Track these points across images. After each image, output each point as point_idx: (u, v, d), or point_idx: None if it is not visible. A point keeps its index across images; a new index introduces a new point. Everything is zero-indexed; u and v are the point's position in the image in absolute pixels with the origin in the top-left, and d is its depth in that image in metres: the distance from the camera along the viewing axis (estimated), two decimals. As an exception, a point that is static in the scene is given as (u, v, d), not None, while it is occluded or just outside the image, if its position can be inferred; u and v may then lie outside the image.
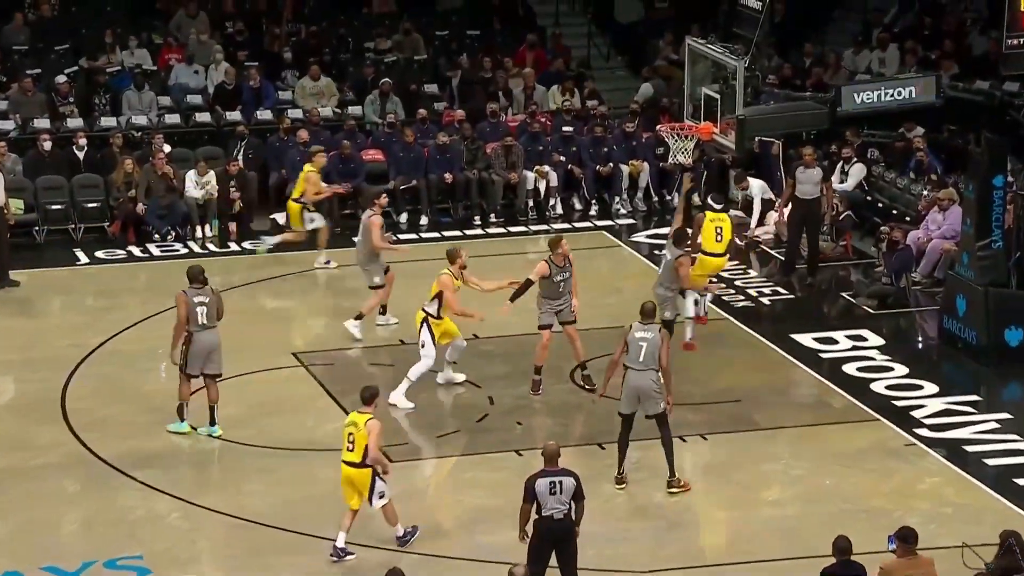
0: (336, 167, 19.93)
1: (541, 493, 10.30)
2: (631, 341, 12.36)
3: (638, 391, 12.41)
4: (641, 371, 12.33)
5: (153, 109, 21.01)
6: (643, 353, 12.31)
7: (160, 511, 12.35)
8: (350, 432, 11.24)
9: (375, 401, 11.40)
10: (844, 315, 16.80)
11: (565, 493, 10.34)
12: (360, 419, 11.25)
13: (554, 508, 10.31)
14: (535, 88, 21.97)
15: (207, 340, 13.33)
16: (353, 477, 11.29)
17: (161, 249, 18.94)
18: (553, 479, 10.36)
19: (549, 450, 10.56)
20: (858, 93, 15.08)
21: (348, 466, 11.29)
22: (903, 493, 12.65)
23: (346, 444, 11.25)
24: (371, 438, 11.19)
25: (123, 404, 14.30)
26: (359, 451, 11.19)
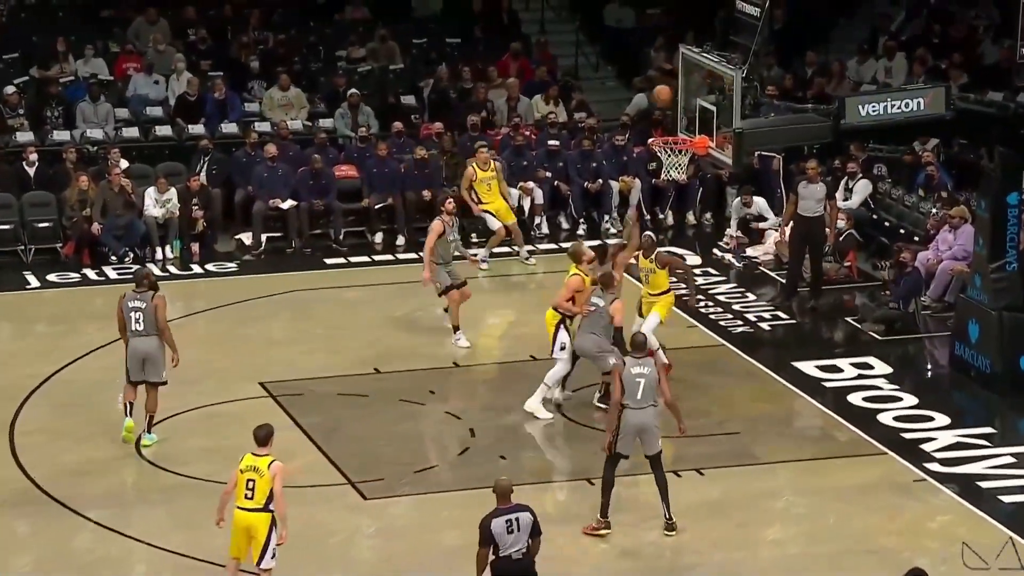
0: (306, 183, 19.97)
1: (498, 534, 10.36)
2: (627, 379, 12.37)
3: (639, 430, 12.41)
4: (641, 409, 12.35)
5: (110, 122, 21.01)
6: (641, 390, 12.34)
7: (117, 554, 12.30)
8: (250, 479, 11.03)
9: (270, 441, 11.23)
10: (849, 341, 16.87)
11: (523, 531, 10.40)
12: (261, 463, 11.07)
13: (512, 548, 10.36)
14: (519, 99, 22.05)
15: (140, 347, 13.59)
16: (252, 523, 11.05)
17: (118, 272, 18.92)
18: (509, 517, 10.41)
19: (501, 487, 10.58)
20: (863, 105, 15.14)
21: (247, 512, 11.03)
22: (912, 532, 12.69)
23: (244, 491, 11.03)
24: (278, 483, 11.02)
25: (78, 438, 14.26)
26: (260, 498, 11.02)
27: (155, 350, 13.64)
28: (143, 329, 13.58)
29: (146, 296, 13.61)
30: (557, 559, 12.22)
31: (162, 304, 13.71)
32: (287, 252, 19.74)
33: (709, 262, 19.27)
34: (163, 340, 13.69)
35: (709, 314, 17.47)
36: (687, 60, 15.66)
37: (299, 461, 12.04)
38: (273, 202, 19.75)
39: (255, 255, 19.56)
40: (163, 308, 13.71)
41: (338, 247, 19.83)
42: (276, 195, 19.81)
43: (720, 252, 19.52)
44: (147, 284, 13.73)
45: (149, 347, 13.62)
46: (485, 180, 18.78)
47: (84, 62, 21.90)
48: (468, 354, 16.15)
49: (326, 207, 19.91)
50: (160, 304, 13.66)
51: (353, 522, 12.84)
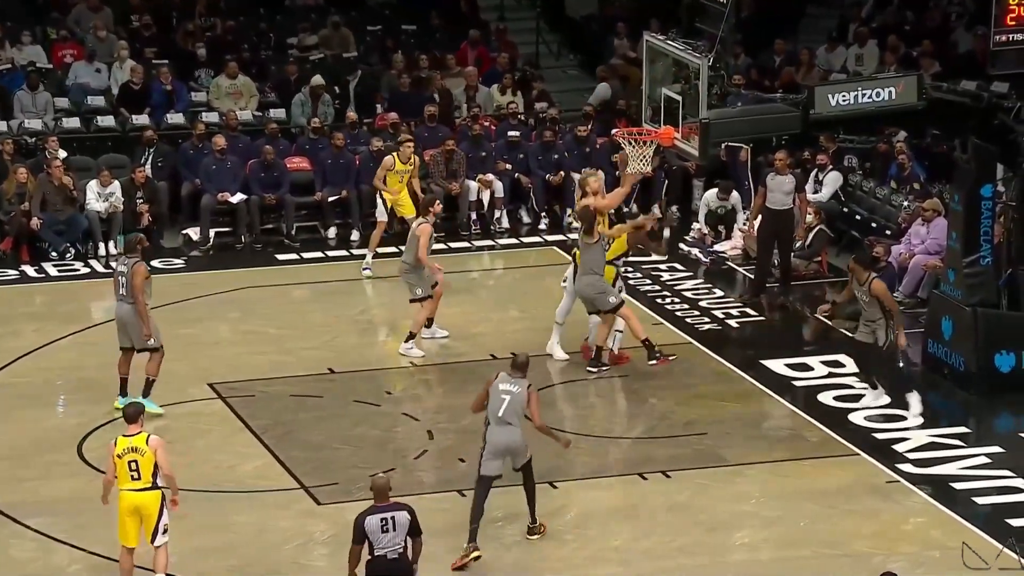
0: (257, 176, 19.89)
1: (372, 531, 10.39)
2: (493, 393, 12.20)
3: (505, 449, 12.23)
4: (502, 427, 12.18)
5: (49, 112, 20.86)
6: (503, 408, 12.16)
7: (58, 563, 12.23)
8: (132, 460, 11.23)
9: (140, 418, 11.46)
10: (819, 339, 16.95)
11: (399, 530, 10.43)
12: (138, 441, 11.28)
13: (387, 547, 10.40)
14: (478, 89, 22.04)
15: (120, 313, 14.35)
16: (142, 504, 11.24)
17: (59, 269, 18.80)
18: (385, 515, 10.45)
19: (378, 484, 10.63)
20: (833, 94, 15.22)
21: (136, 492, 11.23)
22: (886, 535, 12.76)
23: (129, 473, 11.22)
24: (161, 454, 11.27)
25: (16, 443, 14.15)
26: (146, 476, 11.24)
27: (133, 315, 14.16)
28: (124, 294, 14.15)
29: (129, 262, 14.21)
30: (514, 565, 12.23)
31: (140, 271, 14.15)
32: (237, 248, 19.67)
33: (675, 257, 19.31)
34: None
35: (675, 311, 17.52)
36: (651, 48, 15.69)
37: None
38: (222, 196, 19.67)
39: (203, 251, 19.48)
40: (140, 276, 14.15)
41: (290, 242, 19.77)
42: (225, 189, 19.73)
43: (686, 247, 19.57)
44: (138, 250, 14.38)
45: (127, 312, 14.20)
46: (400, 172, 18.35)
47: (20, 49, 21.72)
48: (426, 353, 16.11)
49: (278, 201, 19.84)
50: (138, 271, 14.13)
51: (307, 528, 12.80)
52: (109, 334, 16.53)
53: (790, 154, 18.16)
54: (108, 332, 16.70)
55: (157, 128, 20.57)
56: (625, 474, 13.67)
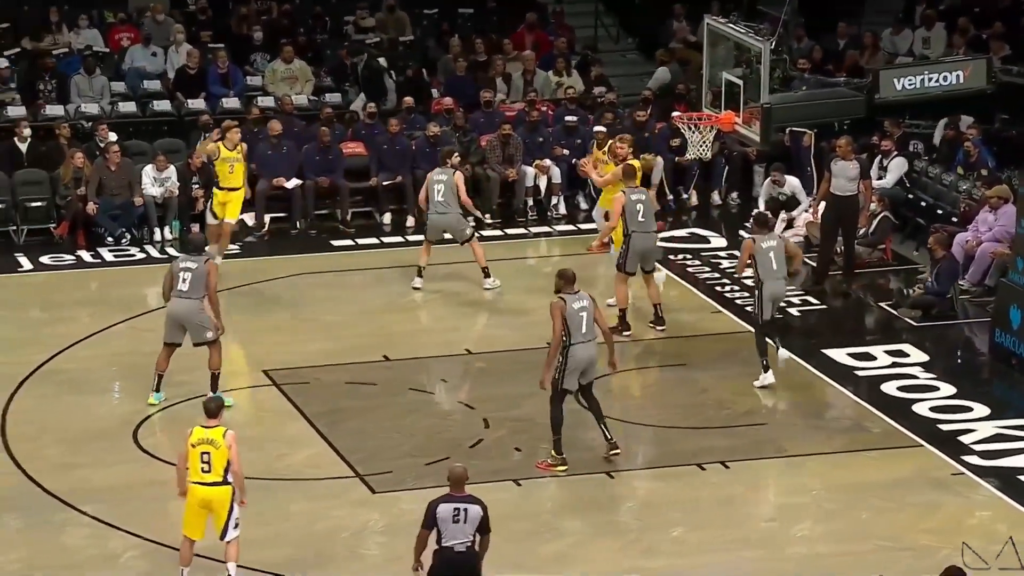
0: (312, 161, 19.97)
1: (443, 520, 10.38)
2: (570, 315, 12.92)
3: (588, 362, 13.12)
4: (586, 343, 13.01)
5: (105, 96, 21.03)
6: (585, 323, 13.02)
7: (113, 550, 12.33)
8: (204, 451, 11.29)
9: (221, 413, 11.51)
10: (883, 328, 16.82)
11: (470, 523, 10.40)
12: (215, 434, 11.33)
13: (456, 539, 10.37)
14: (535, 73, 22.01)
15: (178, 309, 14.31)
16: (213, 498, 11.31)
17: (115, 254, 18.96)
18: (458, 505, 10.43)
19: (456, 473, 10.62)
20: (898, 78, 15.10)
21: (206, 487, 11.30)
22: (950, 529, 12.66)
23: (200, 465, 11.29)
24: (234, 452, 11.33)
25: (72, 429, 14.30)
26: (217, 470, 11.29)
27: (195, 312, 14.23)
28: (187, 290, 14.18)
29: (199, 259, 14.25)
30: (568, 555, 12.23)
31: (214, 270, 14.33)
32: (291, 233, 19.76)
33: (735, 244, 19.20)
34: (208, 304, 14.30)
35: (735, 299, 17.44)
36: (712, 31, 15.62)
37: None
38: (277, 181, 19.76)
39: (258, 237, 19.58)
40: (215, 273, 14.33)
41: (345, 228, 19.84)
42: (280, 174, 19.82)
43: (747, 234, 19.44)
44: (205, 249, 14.66)
45: (189, 309, 14.24)
46: (230, 161, 17.54)
47: (77, 33, 21.90)
48: (481, 341, 16.14)
49: (332, 185, 19.91)
50: (212, 269, 14.30)
51: (361, 517, 12.85)
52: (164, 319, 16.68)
53: (855, 139, 18.02)
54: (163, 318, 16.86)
55: (212, 113, 20.69)
56: (683, 464, 13.63)
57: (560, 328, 13.01)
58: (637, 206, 15.80)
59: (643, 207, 15.86)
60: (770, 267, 14.46)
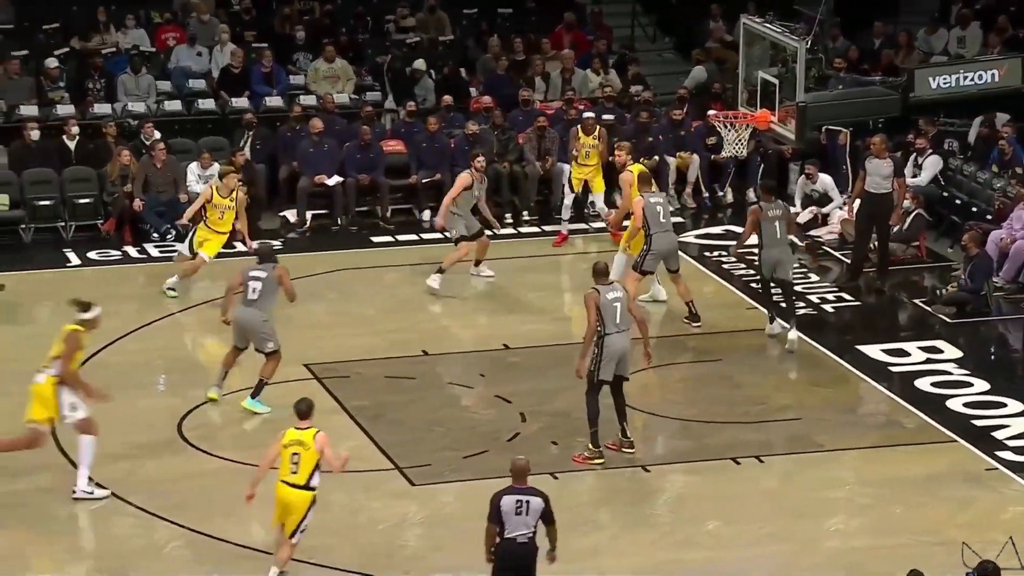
0: (353, 158, 20.00)
1: (507, 512, 10.37)
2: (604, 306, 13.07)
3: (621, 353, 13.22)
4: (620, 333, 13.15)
5: (151, 95, 21.11)
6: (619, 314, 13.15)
7: (158, 540, 12.38)
8: (295, 452, 11.29)
9: (312, 414, 11.51)
10: (917, 324, 16.71)
11: (532, 515, 10.40)
12: (306, 436, 11.33)
13: (518, 530, 10.37)
14: (574, 72, 21.96)
15: (243, 317, 14.30)
16: (293, 501, 11.33)
17: (160, 249, 19.03)
18: (520, 498, 10.42)
19: (517, 465, 10.60)
20: (933, 77, 15.02)
21: (290, 487, 11.33)
22: (983, 524, 12.56)
23: (290, 466, 11.29)
24: (328, 450, 11.36)
25: (117, 421, 14.35)
26: (304, 473, 11.29)
27: (259, 322, 14.21)
28: (255, 299, 14.21)
29: (268, 267, 14.26)
30: (605, 548, 12.20)
31: (285, 273, 14.33)
32: (333, 230, 19.80)
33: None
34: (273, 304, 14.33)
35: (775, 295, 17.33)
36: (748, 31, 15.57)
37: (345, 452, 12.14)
38: (319, 178, 19.80)
39: (300, 233, 19.62)
40: (286, 275, 14.33)
41: (385, 225, 19.86)
42: (322, 171, 19.85)
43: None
44: (275, 257, 14.52)
45: (253, 319, 14.20)
46: (220, 208, 16.88)
47: (125, 33, 22.00)
48: (518, 336, 16.12)
49: (372, 182, 19.92)
50: (283, 273, 14.31)
51: (400, 509, 12.86)
52: (209, 315, 16.76)
53: (890, 138, 17.87)
54: (208, 313, 16.94)
55: (256, 111, 20.74)
56: (718, 459, 13.58)
57: (594, 318, 13.07)
58: (657, 208, 15.72)
59: (662, 209, 15.80)
60: (774, 235, 14.32)
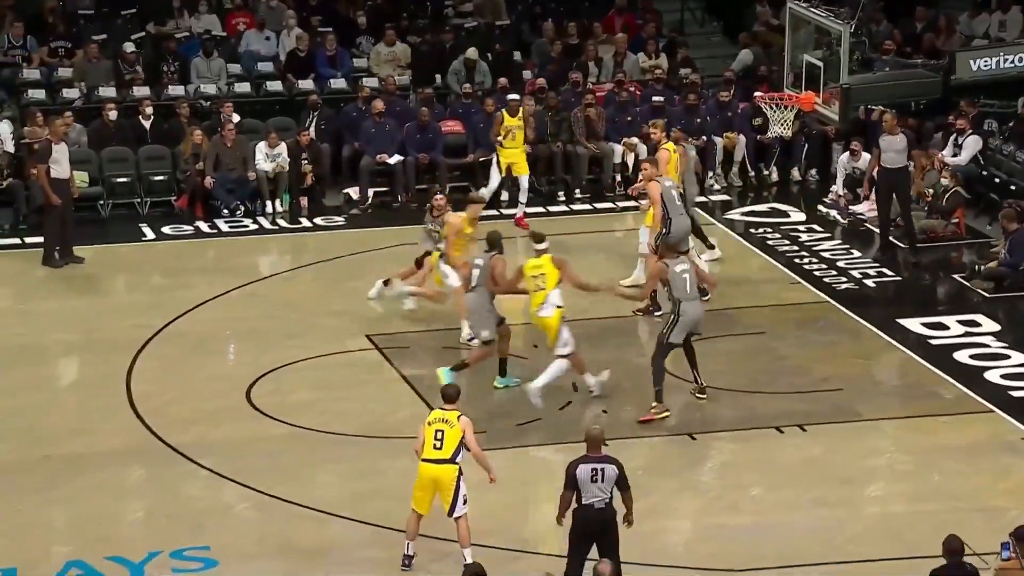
0: (413, 138, 19.99)
1: (582, 480, 10.34)
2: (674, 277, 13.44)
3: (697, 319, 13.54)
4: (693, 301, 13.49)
5: (222, 77, 21.18)
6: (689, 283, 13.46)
7: (228, 501, 12.47)
8: (439, 429, 11.16)
9: (457, 399, 11.39)
10: (956, 299, 16.53)
11: (607, 481, 10.38)
12: (451, 415, 11.22)
13: (595, 497, 10.35)
14: (627, 56, 21.83)
15: (469, 301, 14.25)
16: (440, 475, 11.13)
17: (230, 225, 19.12)
18: (595, 466, 10.39)
19: (592, 435, 10.57)
20: (974, 60, 14.78)
21: (435, 464, 11.13)
22: (1020, 492, 12.41)
23: (433, 442, 11.15)
24: (469, 433, 11.19)
25: (190, 388, 14.47)
26: (449, 448, 11.13)
27: (480, 307, 14.02)
28: (477, 285, 14.05)
29: (486, 256, 14.13)
30: (654, 512, 12.17)
31: (498, 262, 14.05)
32: (393, 207, 19.80)
33: (814, 218, 18.98)
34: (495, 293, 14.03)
35: (813, 271, 17.21)
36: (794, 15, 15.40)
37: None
38: (380, 157, 19.80)
39: (362, 209, 19.64)
40: (500, 266, 14.06)
41: (443, 201, 19.79)
42: (383, 150, 19.86)
43: (825, 208, 19.21)
44: (499, 244, 14.16)
45: (476, 304, 14.06)
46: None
47: (197, 18, 22.07)
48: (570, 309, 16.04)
49: (431, 161, 19.91)
50: (496, 263, 14.03)
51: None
52: (275, 288, 16.85)
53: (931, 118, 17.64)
54: (274, 286, 17.04)
55: (320, 93, 20.77)
56: (762, 427, 13.49)
57: (651, 287, 14.04)
58: (672, 192, 15.55)
59: (676, 193, 15.62)
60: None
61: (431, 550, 11.41)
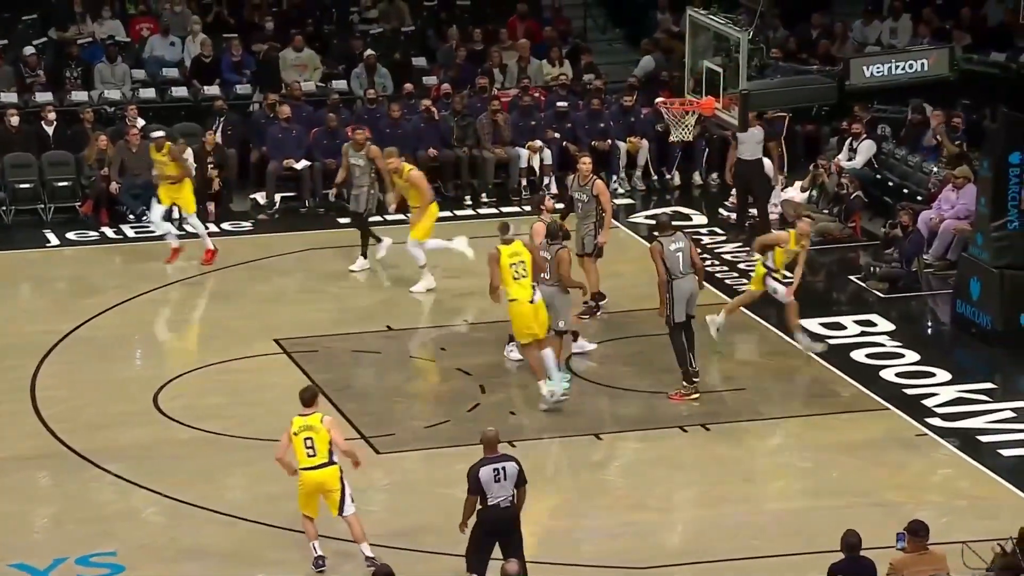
0: (320, 144, 19.89)
1: (486, 482, 10.39)
2: (668, 256, 13.68)
3: (690, 294, 13.81)
4: (685, 278, 13.78)
5: (127, 83, 20.93)
6: (681, 261, 13.75)
7: (136, 505, 12.33)
8: (307, 437, 11.14)
9: (315, 401, 11.36)
10: (852, 299, 16.80)
11: (509, 479, 10.44)
12: (313, 420, 11.20)
13: (500, 496, 10.40)
14: (530, 61, 21.91)
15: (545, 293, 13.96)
16: (324, 480, 11.16)
17: (136, 230, 18.89)
18: (496, 466, 10.44)
19: (488, 436, 10.61)
20: (867, 66, 15.00)
21: (316, 470, 11.14)
22: (914, 486, 12.66)
23: (306, 451, 11.14)
24: (335, 432, 11.21)
25: (97, 393, 14.27)
26: (322, 453, 11.15)
27: (555, 296, 13.96)
28: (547, 278, 14.02)
29: (553, 249, 14.03)
30: (563, 510, 12.24)
31: (564, 257, 14.01)
32: (301, 212, 19.69)
33: (715, 222, 19.19)
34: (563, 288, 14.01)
35: (716, 273, 17.40)
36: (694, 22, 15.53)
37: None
38: (287, 162, 19.68)
39: (269, 214, 19.51)
40: (566, 262, 14.01)
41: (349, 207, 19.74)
42: (290, 156, 19.74)
43: (725, 212, 19.43)
44: (560, 236, 14.11)
45: (552, 295, 13.98)
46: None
47: (101, 24, 21.79)
48: (479, 312, 16.10)
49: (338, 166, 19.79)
50: (563, 257, 13.98)
51: (366, 476, 12.82)
52: (182, 293, 16.68)
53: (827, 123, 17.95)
54: (181, 291, 16.87)
55: (226, 98, 20.59)
56: (667, 427, 13.62)
57: (662, 268, 13.71)
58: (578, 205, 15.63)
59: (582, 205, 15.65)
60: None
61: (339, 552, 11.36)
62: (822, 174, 18.78)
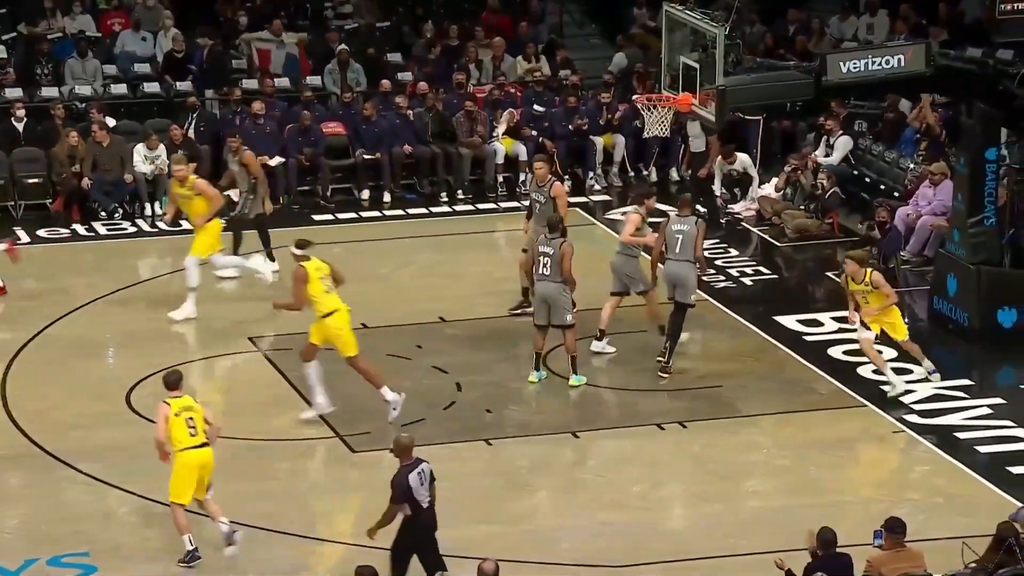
0: (294, 140, 19.83)
1: (415, 488, 10.42)
2: (668, 234, 14.11)
3: (675, 277, 14.17)
4: (675, 261, 14.16)
5: (98, 78, 20.82)
6: (679, 245, 14.06)
7: (109, 506, 12.29)
8: (189, 417, 11.25)
9: (181, 384, 11.44)
10: (830, 296, 16.85)
11: (427, 480, 10.51)
12: (188, 400, 11.33)
13: (425, 498, 10.46)
14: (504, 58, 21.89)
15: (542, 291, 14.10)
16: (206, 458, 11.27)
17: (108, 227, 18.80)
18: (418, 470, 10.50)
19: (403, 443, 10.61)
20: (844, 62, 15.03)
21: (200, 448, 11.22)
22: (892, 483, 12.71)
23: (188, 430, 11.22)
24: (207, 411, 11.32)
25: (68, 393, 14.20)
26: (202, 432, 11.27)
27: (557, 294, 13.95)
28: (548, 274, 13.97)
29: (555, 243, 14.01)
30: (540, 509, 12.24)
31: (568, 251, 13.97)
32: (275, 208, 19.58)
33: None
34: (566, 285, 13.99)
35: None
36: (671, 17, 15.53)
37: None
38: (261, 159, 19.56)
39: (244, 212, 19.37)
40: (568, 256, 13.96)
41: (325, 204, 19.72)
42: (264, 152, 19.65)
43: (702, 208, 19.44)
44: (559, 231, 14.10)
45: (550, 291, 13.99)
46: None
47: (71, 19, 21.67)
48: (454, 310, 16.08)
49: (313, 162, 19.76)
50: (566, 251, 13.96)
51: (341, 474, 12.80)
52: (155, 291, 16.60)
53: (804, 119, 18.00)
54: (154, 289, 16.79)
55: (199, 94, 20.51)
56: (644, 425, 13.63)
57: (660, 241, 14.13)
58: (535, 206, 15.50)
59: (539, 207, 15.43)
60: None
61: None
62: (797, 174, 18.82)
